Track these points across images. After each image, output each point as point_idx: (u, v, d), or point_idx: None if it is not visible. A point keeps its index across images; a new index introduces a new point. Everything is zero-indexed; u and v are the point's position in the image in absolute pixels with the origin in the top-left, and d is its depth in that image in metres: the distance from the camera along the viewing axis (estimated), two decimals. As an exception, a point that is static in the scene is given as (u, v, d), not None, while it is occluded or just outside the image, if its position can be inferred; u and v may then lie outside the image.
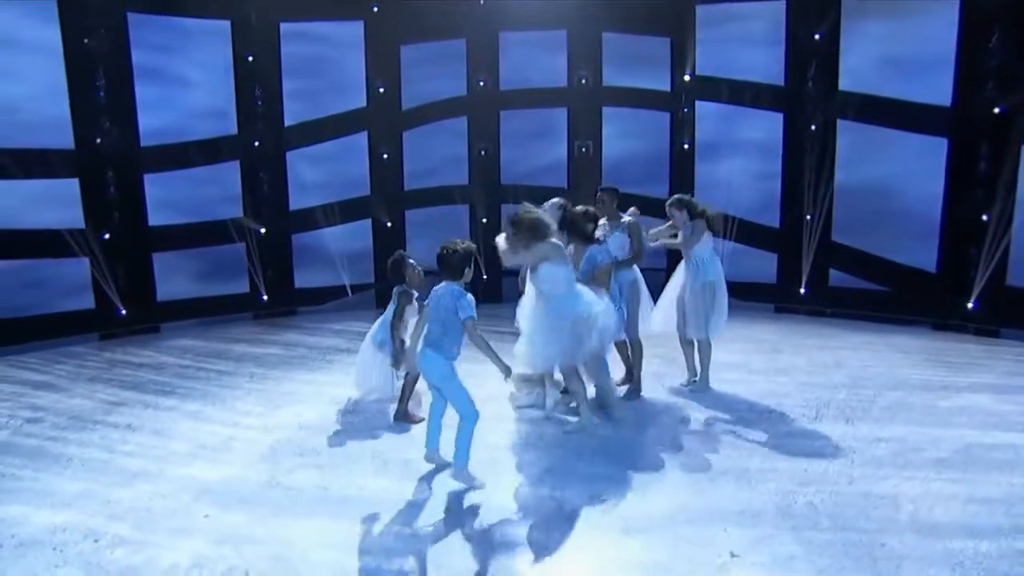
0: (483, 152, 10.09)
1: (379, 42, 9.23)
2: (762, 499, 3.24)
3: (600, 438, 4.01)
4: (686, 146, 9.27)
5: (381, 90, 9.46)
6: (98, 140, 7.37)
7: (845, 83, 7.92)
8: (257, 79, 8.40)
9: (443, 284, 3.35)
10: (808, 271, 8.28)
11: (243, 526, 3.02)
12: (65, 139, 7.19)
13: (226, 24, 8.05)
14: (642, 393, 4.78)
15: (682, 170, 9.35)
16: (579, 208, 4.35)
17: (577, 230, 4.22)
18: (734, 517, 3.06)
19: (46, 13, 6.96)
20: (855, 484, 3.39)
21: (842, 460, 3.68)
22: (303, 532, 2.96)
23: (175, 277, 8.07)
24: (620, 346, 4.77)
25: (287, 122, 8.71)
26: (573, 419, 4.27)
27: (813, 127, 8.17)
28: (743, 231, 8.69)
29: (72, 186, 7.29)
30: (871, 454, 3.75)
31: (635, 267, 4.85)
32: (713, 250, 4.85)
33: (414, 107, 9.77)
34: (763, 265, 8.66)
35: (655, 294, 5.10)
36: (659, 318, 4.97)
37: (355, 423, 4.32)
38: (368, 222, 9.44)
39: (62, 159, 7.19)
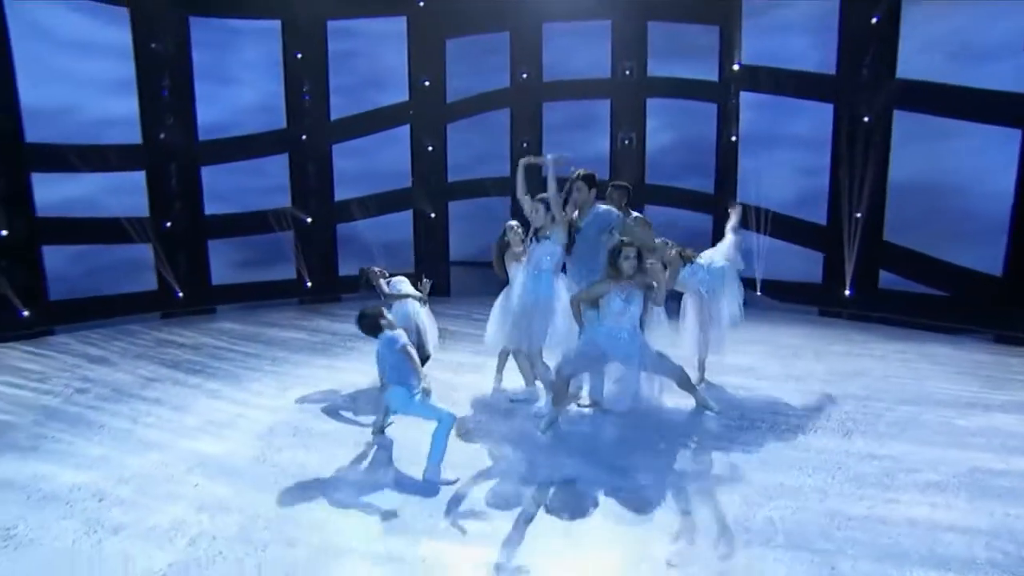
0: (525, 144, 10.19)
1: (424, 36, 9.49)
2: (723, 510, 3.22)
3: (579, 437, 4.08)
4: (733, 138, 8.97)
5: (427, 83, 9.74)
6: (162, 136, 8.09)
7: (904, 70, 7.39)
8: (305, 75, 8.89)
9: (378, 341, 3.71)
10: (855, 272, 7.85)
11: (224, 497, 3.36)
12: (134, 135, 7.95)
13: (276, 24, 8.57)
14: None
15: (728, 163, 9.07)
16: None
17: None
18: (689, 527, 3.08)
19: (120, 20, 7.70)
20: (826, 502, 3.30)
21: (822, 476, 3.57)
22: (273, 506, 3.26)
23: (228, 263, 8.77)
24: None
25: (333, 116, 9.18)
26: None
27: (866, 118, 7.69)
28: (786, 227, 8.34)
29: (139, 178, 8.06)
30: (857, 471, 3.61)
31: None
32: None
33: (458, 100, 10.00)
34: (806, 264, 8.28)
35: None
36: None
37: (353, 408, 4.62)
38: (409, 213, 9.80)
39: (131, 153, 7.97)
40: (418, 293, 4.89)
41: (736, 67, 8.72)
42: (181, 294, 8.29)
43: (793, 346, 6.05)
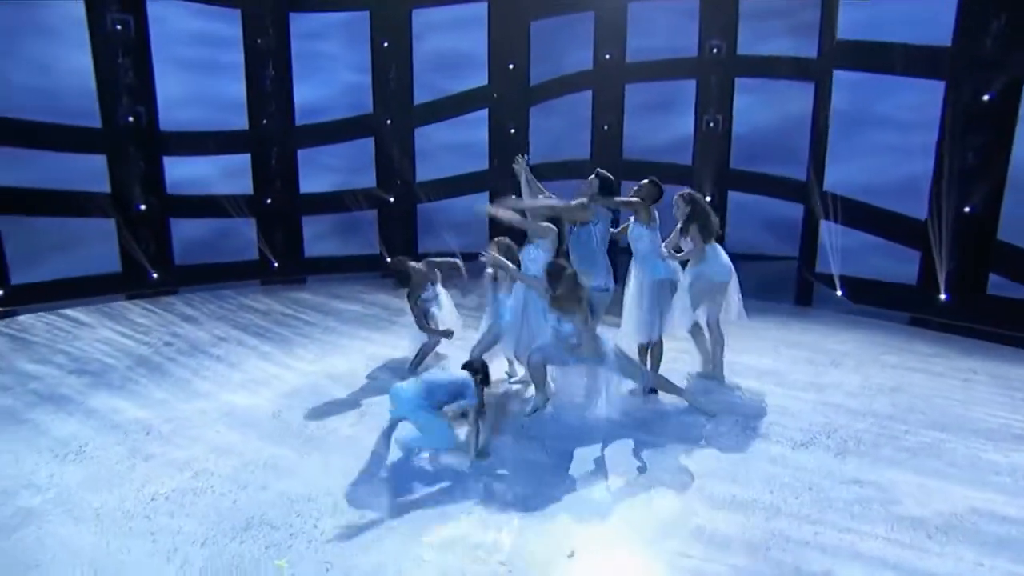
0: (606, 127, 10.22)
1: (508, 19, 9.80)
2: (658, 513, 3.36)
3: (561, 425, 4.34)
4: (827, 122, 8.34)
5: (512, 67, 10.09)
6: (264, 121, 9.26)
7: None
8: (391, 62, 9.63)
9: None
10: (958, 274, 7.06)
11: (233, 442, 4.10)
12: (241, 121, 9.19)
13: (365, 14, 9.36)
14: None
15: (822, 147, 8.47)
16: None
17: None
18: (613, 522, 3.28)
19: (232, 19, 8.89)
20: (772, 521, 3.27)
21: (785, 494, 3.53)
22: (265, 455, 3.93)
23: (321, 237, 9.88)
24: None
25: (416, 101, 9.86)
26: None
27: (986, 97, 6.82)
28: (878, 221, 7.67)
29: (245, 160, 9.32)
30: (828, 495, 3.52)
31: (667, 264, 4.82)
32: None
33: (541, 82, 10.24)
34: (899, 264, 7.56)
35: None
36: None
37: (372, 378, 5.23)
38: (486, 195, 10.29)
39: (240, 138, 9.23)
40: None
41: (835, 42, 8.07)
42: (276, 264, 9.51)
43: (837, 353, 5.71)
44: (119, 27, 8.18)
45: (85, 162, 8.31)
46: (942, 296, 7.17)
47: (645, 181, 4.79)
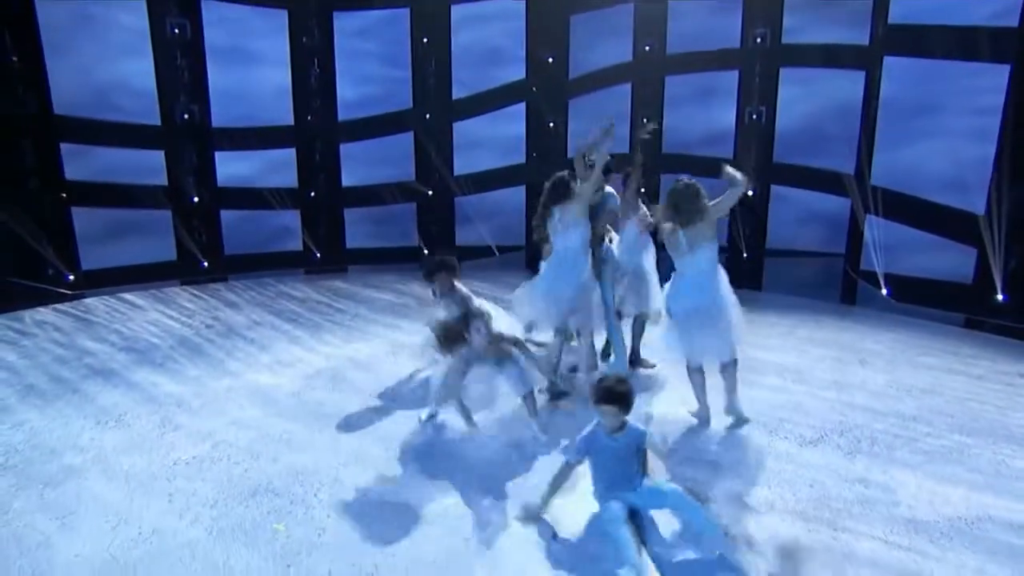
0: (645, 120, 10.14)
1: (546, 14, 9.91)
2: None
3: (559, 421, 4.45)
4: (876, 113, 8.04)
5: (550, 60, 10.19)
6: (308, 117, 9.72)
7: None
8: (431, 58, 9.90)
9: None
10: (1015, 274, 6.69)
11: (253, 417, 4.43)
12: (287, 117, 9.68)
13: (405, 11, 9.66)
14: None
15: (870, 139, 8.18)
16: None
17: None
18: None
19: (278, 22, 9.38)
20: (764, 517, 3.26)
21: (783, 489, 3.53)
22: (279, 430, 4.23)
23: (360, 228, 10.29)
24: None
25: (454, 96, 10.10)
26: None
27: (1056, 81, 6.43)
28: (932, 216, 7.34)
29: (291, 154, 9.81)
30: (831, 493, 3.49)
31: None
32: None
33: (580, 75, 10.29)
34: (954, 262, 7.21)
35: None
36: None
37: (390, 364, 5.48)
38: (523, 188, 10.44)
39: (286, 133, 9.72)
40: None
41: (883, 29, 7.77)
42: (319, 255, 9.98)
43: (868, 352, 5.55)
44: (176, 31, 8.77)
45: (144, 157, 8.98)
46: (999, 296, 6.82)
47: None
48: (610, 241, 4.88)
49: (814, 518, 3.28)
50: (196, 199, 9.33)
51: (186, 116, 9.15)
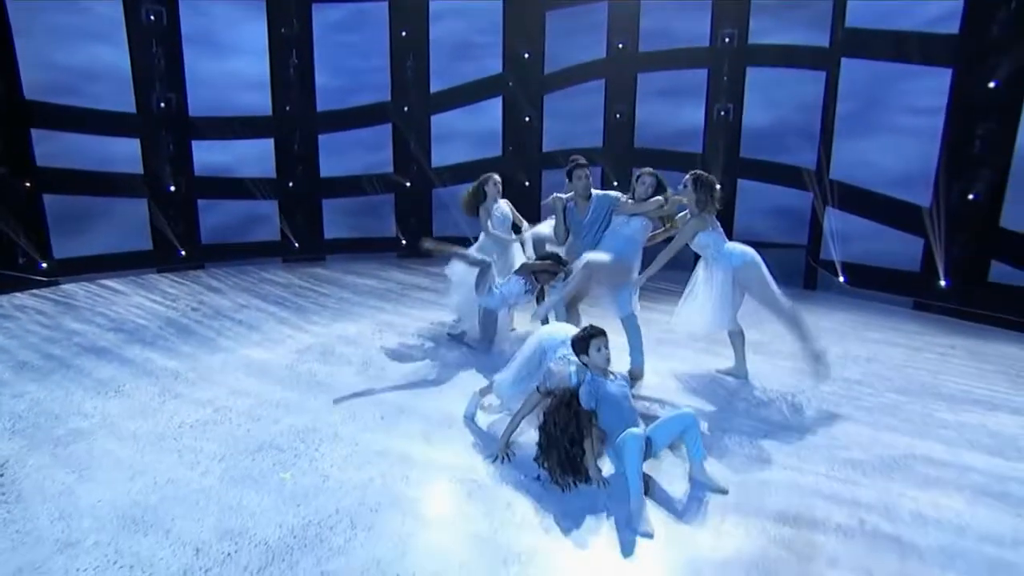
0: (619, 115, 10.66)
1: (524, 9, 10.33)
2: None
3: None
4: (835, 111, 8.66)
5: (527, 55, 10.61)
6: (287, 108, 9.95)
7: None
8: (409, 51, 10.23)
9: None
10: (959, 261, 7.34)
11: (250, 386, 4.73)
12: (266, 107, 9.90)
13: (384, 5, 9.97)
14: None
15: (829, 136, 8.79)
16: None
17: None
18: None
19: (257, 11, 9.59)
20: (726, 459, 3.72)
21: (742, 438, 3.98)
22: (277, 397, 4.54)
23: (339, 220, 10.55)
24: None
25: (432, 89, 10.44)
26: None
27: (992, 84, 7.08)
28: (882, 208, 7.98)
29: (269, 144, 10.03)
30: (781, 440, 3.96)
31: None
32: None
33: (555, 71, 10.73)
34: (905, 250, 7.86)
35: None
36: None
37: (377, 340, 5.82)
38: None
39: (264, 123, 9.93)
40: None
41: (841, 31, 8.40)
42: (297, 244, 10.21)
43: (823, 328, 6.07)
44: (152, 18, 8.93)
45: (121, 145, 9.09)
46: (942, 282, 7.46)
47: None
48: None
49: (768, 460, 3.75)
50: (173, 188, 9.49)
51: (163, 105, 9.30)
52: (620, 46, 10.34)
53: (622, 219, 4.83)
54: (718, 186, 4.71)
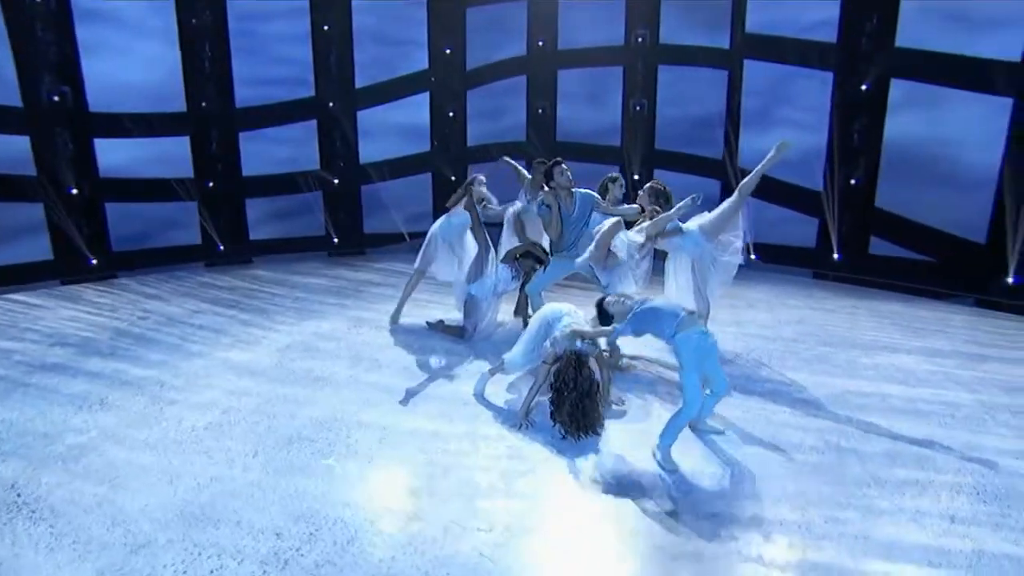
0: (541, 111, 11.26)
1: (445, 7, 10.62)
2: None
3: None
4: (739, 106, 9.77)
5: (448, 51, 10.91)
6: (203, 104, 9.59)
7: (904, 39, 8.05)
8: (332, 46, 10.20)
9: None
10: (847, 237, 8.65)
11: (248, 386, 4.79)
12: (179, 104, 9.48)
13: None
14: None
15: (735, 129, 9.90)
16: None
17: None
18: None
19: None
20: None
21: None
22: (283, 393, 4.65)
23: (264, 219, 10.30)
24: None
25: (357, 84, 10.48)
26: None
27: (864, 86, 8.40)
28: (785, 193, 9.18)
29: (185, 143, 9.61)
30: (745, 390, 4.71)
31: None
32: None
33: (477, 67, 11.13)
34: (803, 229, 9.11)
35: None
36: None
37: (355, 334, 5.98)
38: (429, 176, 11.09)
39: (176, 121, 9.50)
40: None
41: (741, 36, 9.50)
42: (222, 247, 9.88)
43: (752, 299, 7.07)
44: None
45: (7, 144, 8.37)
46: (835, 256, 8.75)
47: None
48: None
49: (743, 406, 4.48)
50: (75, 190, 8.88)
51: (56, 98, 8.67)
52: (540, 43, 10.94)
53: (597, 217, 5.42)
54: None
